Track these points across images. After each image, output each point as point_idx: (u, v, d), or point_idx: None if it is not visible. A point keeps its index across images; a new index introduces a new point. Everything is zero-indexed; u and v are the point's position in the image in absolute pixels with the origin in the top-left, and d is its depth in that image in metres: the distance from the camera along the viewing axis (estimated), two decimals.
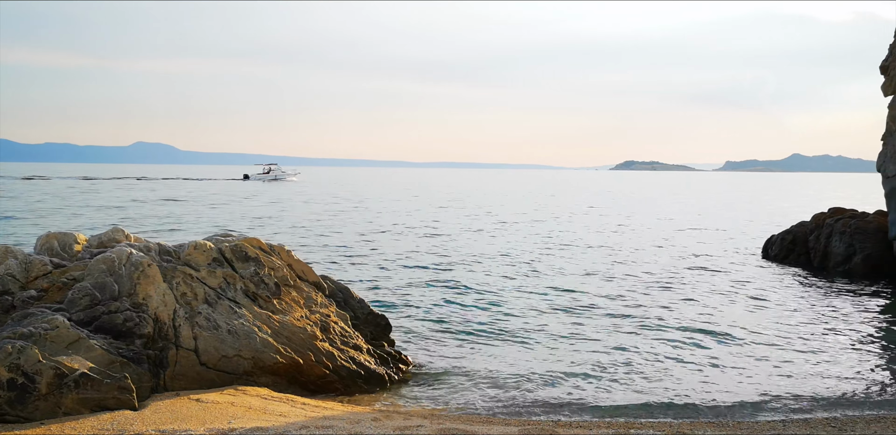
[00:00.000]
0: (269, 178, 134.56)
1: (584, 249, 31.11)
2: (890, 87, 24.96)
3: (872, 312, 18.06)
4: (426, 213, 53.24)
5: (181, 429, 7.87)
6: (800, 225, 28.47)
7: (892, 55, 25.27)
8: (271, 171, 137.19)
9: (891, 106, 24.82)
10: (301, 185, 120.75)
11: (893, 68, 24.88)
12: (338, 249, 29.60)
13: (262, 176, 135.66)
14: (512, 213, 55.54)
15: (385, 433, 8.04)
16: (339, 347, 11.21)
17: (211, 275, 10.64)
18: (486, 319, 16.47)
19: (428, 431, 8.31)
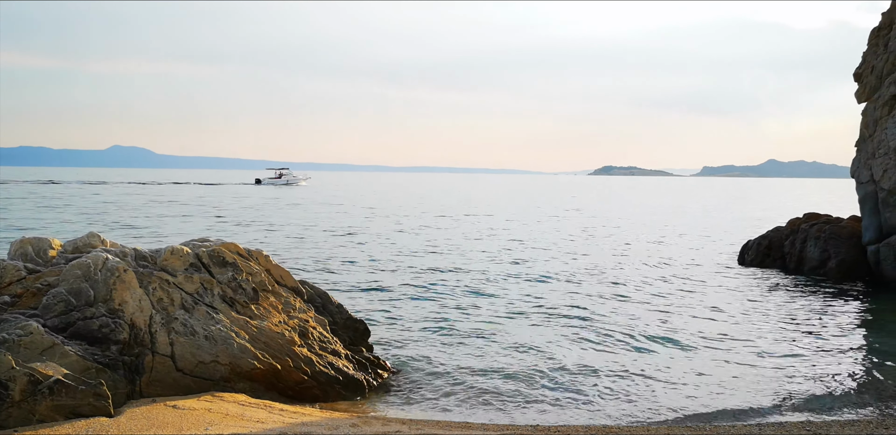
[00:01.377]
0: (281, 183, 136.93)
1: (564, 256, 31.21)
2: (863, 94, 25.32)
3: (846, 316, 18.26)
4: (404, 219, 53.20)
5: None
6: (775, 230, 28.75)
7: (865, 63, 25.64)
8: (282, 176, 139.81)
9: (864, 113, 25.17)
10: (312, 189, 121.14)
11: (867, 75, 25.24)
12: (312, 253, 29.50)
13: (274, 180, 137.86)
14: (492, 219, 55.63)
15: None
16: (317, 353, 11.16)
17: (188, 280, 10.56)
18: (465, 325, 16.47)
19: None
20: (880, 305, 19.83)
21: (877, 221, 23.51)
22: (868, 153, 24.41)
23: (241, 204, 68.47)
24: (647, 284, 23.13)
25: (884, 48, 24.56)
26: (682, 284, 23.20)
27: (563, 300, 19.77)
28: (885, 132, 23.41)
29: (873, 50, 25.27)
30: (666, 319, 17.38)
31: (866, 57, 25.66)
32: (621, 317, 17.65)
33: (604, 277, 24.29)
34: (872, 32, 25.53)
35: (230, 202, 72.01)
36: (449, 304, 18.92)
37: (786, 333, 16.12)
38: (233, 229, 40.59)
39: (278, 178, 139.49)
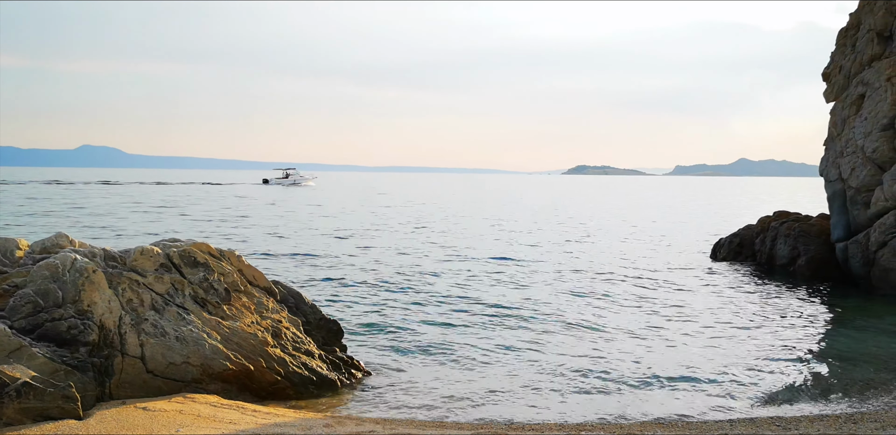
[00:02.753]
0: (288, 183, 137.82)
1: (539, 255, 31.31)
2: (831, 94, 25.66)
3: (814, 313, 18.50)
4: (376, 220, 53.11)
5: None
6: (746, 228, 29.06)
7: (833, 63, 25.99)
8: (289, 176, 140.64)
9: (832, 112, 25.51)
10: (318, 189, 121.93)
11: (835, 75, 25.58)
12: (288, 253, 29.35)
13: (281, 181, 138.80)
14: (468, 219, 55.70)
15: None
16: (290, 353, 11.10)
17: (158, 281, 10.45)
18: (439, 325, 16.46)
19: None
20: (848, 302, 20.12)
21: (845, 219, 23.82)
22: (836, 152, 24.73)
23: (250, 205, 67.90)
24: (620, 281, 23.26)
25: (851, 48, 24.90)
26: (653, 281, 23.36)
27: (537, 299, 19.82)
28: (853, 131, 23.73)
29: (841, 50, 25.61)
30: (637, 317, 17.50)
31: (834, 57, 26.00)
32: (593, 315, 17.73)
33: (577, 276, 24.40)
34: (840, 33, 25.87)
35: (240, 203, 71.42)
36: (423, 304, 18.90)
37: (755, 330, 16.30)
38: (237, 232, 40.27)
39: (285, 178, 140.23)
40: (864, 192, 22.93)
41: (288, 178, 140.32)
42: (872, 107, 22.93)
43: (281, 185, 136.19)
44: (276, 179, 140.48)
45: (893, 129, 22.12)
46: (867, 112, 23.16)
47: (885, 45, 23.18)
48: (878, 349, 14.50)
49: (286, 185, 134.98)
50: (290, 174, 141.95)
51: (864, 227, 22.81)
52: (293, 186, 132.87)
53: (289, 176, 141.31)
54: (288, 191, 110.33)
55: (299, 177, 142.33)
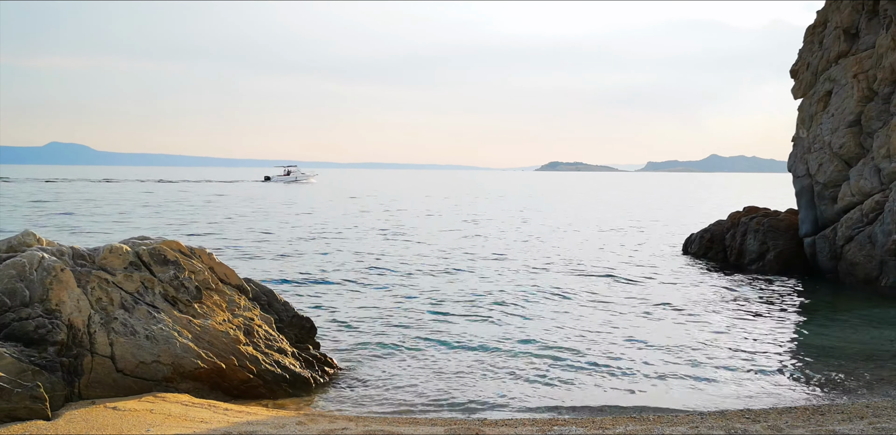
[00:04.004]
0: (289, 180, 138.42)
1: (510, 250, 31.41)
2: (799, 91, 25.99)
3: (782, 307, 18.75)
4: (349, 217, 52.98)
5: None
6: (717, 223, 29.36)
7: (801, 60, 26.32)
8: (291, 173, 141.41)
9: (800, 108, 25.85)
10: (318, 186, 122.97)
11: (802, 72, 25.91)
12: (254, 253, 29.18)
13: (282, 178, 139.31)
14: (445, 217, 55.73)
15: None
16: (263, 351, 11.04)
17: (128, 279, 10.34)
18: (412, 321, 16.46)
19: (353, 433, 8.27)
20: (815, 296, 20.42)
21: (813, 214, 24.16)
22: (804, 148, 25.07)
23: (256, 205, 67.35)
24: (590, 277, 23.41)
25: (819, 46, 25.23)
26: (623, 277, 23.53)
27: (507, 295, 19.89)
28: (820, 127, 24.07)
29: (809, 47, 25.94)
30: (607, 313, 17.62)
31: (802, 54, 26.33)
32: (563, 310, 17.83)
33: (547, 271, 24.51)
34: (808, 30, 26.21)
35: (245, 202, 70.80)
36: (397, 301, 18.88)
37: (723, 324, 16.48)
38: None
39: (287, 176, 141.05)
40: (831, 187, 23.27)
41: (289, 176, 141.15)
42: (839, 103, 23.26)
43: (283, 182, 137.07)
44: (277, 176, 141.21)
45: (860, 126, 22.46)
46: (834, 108, 23.49)
47: (851, 43, 23.51)
48: (845, 342, 14.74)
49: (287, 183, 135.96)
50: (291, 171, 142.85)
51: (832, 222, 23.16)
52: (294, 183, 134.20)
53: (290, 173, 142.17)
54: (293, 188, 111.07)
55: (301, 174, 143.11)
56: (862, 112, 22.29)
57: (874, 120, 21.85)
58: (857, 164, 22.36)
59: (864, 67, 22.38)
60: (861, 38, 23.16)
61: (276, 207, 60.12)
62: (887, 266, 20.10)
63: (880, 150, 21.23)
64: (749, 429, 8.51)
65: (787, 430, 8.47)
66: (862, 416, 9.28)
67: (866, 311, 17.94)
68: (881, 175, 21.26)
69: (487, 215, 55.09)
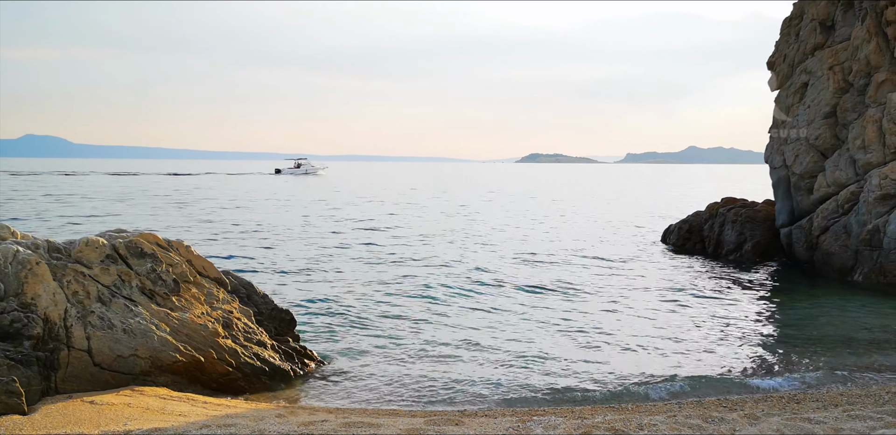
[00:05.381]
0: (300, 173, 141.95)
1: (489, 241, 31.46)
2: (776, 82, 26.18)
3: (759, 297, 18.94)
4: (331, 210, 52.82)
5: (74, 432, 7.58)
6: (695, 214, 29.57)
7: (777, 52, 26.50)
8: (301, 166, 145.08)
9: (777, 100, 26.04)
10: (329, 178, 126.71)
11: (779, 64, 26.10)
12: (237, 246, 29.04)
13: (293, 170, 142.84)
14: (426, 208, 55.68)
15: (289, 430, 7.95)
16: (242, 344, 10.99)
17: (104, 272, 10.25)
18: (391, 313, 16.45)
19: (333, 425, 8.26)
20: (792, 286, 20.63)
21: (789, 205, 24.39)
22: (780, 139, 25.28)
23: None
24: (569, 268, 23.51)
25: (795, 38, 25.40)
26: (603, 267, 23.66)
27: (486, 286, 19.95)
28: (797, 119, 24.27)
29: (785, 39, 26.11)
30: (586, 303, 17.71)
31: (779, 46, 26.51)
32: (542, 301, 17.91)
33: (526, 262, 24.58)
34: (784, 22, 26.37)
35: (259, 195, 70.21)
36: (377, 293, 18.86)
37: (701, 314, 16.62)
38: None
39: (297, 168, 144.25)
40: (807, 178, 23.49)
41: (300, 169, 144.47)
42: (815, 95, 23.46)
43: (293, 174, 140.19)
44: (288, 169, 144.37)
45: (835, 117, 22.67)
46: (810, 100, 23.69)
47: (827, 35, 23.69)
48: (821, 331, 14.91)
49: (298, 175, 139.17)
50: (301, 164, 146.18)
51: (808, 212, 23.39)
52: (305, 176, 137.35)
53: (300, 166, 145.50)
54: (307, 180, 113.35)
55: (311, 167, 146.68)
56: (837, 104, 22.49)
57: (849, 111, 22.06)
58: (833, 156, 22.58)
59: (840, 59, 22.57)
60: (837, 30, 23.34)
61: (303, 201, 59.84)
62: (862, 256, 20.34)
63: (855, 141, 21.44)
64: (726, 417, 8.60)
65: (763, 418, 8.57)
66: (836, 404, 9.41)
67: (842, 300, 18.16)
68: (856, 166, 21.48)
69: (467, 206, 55.12)
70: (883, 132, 20.58)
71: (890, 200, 19.84)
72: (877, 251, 19.79)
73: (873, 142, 20.80)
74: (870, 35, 21.38)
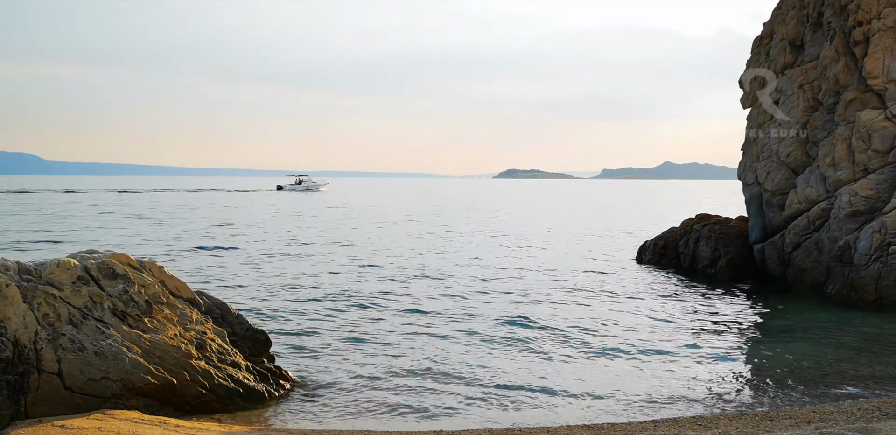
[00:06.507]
0: (301, 189, 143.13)
1: (466, 257, 31.47)
2: (748, 100, 26.56)
3: (734, 313, 19.08)
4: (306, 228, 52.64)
5: None
6: (670, 231, 29.80)
7: (749, 70, 26.90)
8: (302, 183, 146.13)
9: (749, 118, 26.42)
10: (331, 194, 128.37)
11: (750, 82, 26.48)
12: (210, 265, 28.83)
13: (294, 187, 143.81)
14: (404, 225, 55.65)
15: None
16: (215, 365, 10.90)
17: (75, 294, 10.14)
18: (367, 333, 16.36)
19: None
20: (765, 302, 20.83)
21: (762, 221, 24.67)
22: (753, 156, 25.61)
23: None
24: (547, 283, 23.56)
25: (766, 57, 25.82)
26: (578, 284, 23.73)
27: (465, 303, 19.94)
28: (768, 136, 24.61)
29: (756, 58, 26.53)
30: (561, 320, 17.73)
31: (750, 65, 26.92)
32: (517, 319, 17.92)
33: (501, 278, 24.60)
34: (755, 41, 26.80)
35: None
36: (352, 313, 18.78)
37: (676, 331, 16.71)
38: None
39: (299, 185, 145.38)
40: (779, 195, 23.79)
41: (301, 185, 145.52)
42: (786, 113, 23.82)
43: (295, 191, 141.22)
44: (290, 186, 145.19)
45: (806, 135, 23.01)
46: (781, 118, 24.04)
47: (796, 54, 24.10)
48: (794, 347, 15.04)
49: (300, 191, 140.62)
50: (303, 180, 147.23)
51: (780, 228, 23.67)
52: (307, 192, 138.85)
53: (302, 182, 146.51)
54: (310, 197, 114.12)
55: (312, 183, 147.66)
56: (808, 122, 22.85)
57: (819, 129, 22.41)
58: (804, 173, 22.90)
59: (810, 78, 22.96)
60: (806, 49, 23.76)
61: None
62: (833, 272, 20.60)
63: (825, 158, 21.77)
64: None
65: None
66: (809, 420, 9.48)
67: (814, 316, 18.35)
68: (826, 183, 21.79)
69: (443, 222, 55.16)
70: (852, 150, 20.91)
71: (860, 217, 20.15)
72: (848, 267, 20.05)
73: (843, 159, 21.12)
74: (838, 55, 21.78)
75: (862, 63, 20.96)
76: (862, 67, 20.95)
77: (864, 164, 20.53)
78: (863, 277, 19.39)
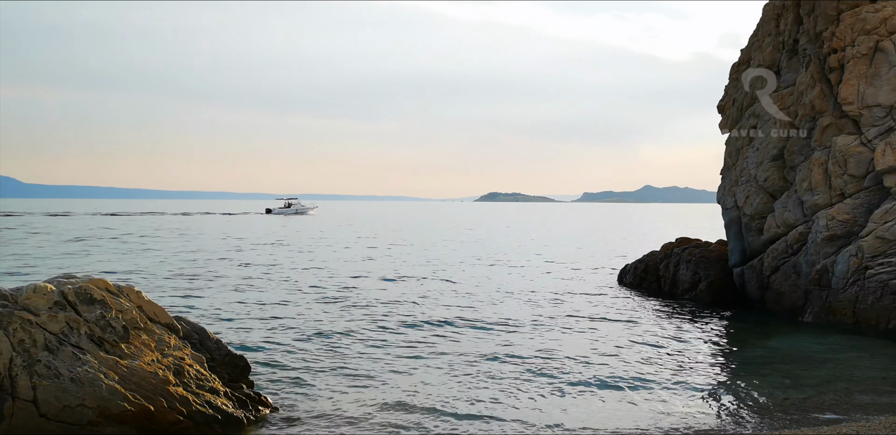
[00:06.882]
0: (290, 212, 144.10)
1: (448, 280, 31.42)
2: (726, 125, 26.89)
3: (712, 336, 19.17)
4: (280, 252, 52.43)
5: None
6: (651, 254, 29.93)
7: (727, 96, 27.27)
8: (291, 206, 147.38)
9: (728, 142, 26.73)
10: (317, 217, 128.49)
11: (729, 108, 26.85)
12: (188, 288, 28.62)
13: (283, 210, 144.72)
14: (376, 247, 55.54)
15: None
16: (193, 392, 10.78)
17: (52, 320, 10.03)
18: (348, 359, 16.26)
19: None
20: (743, 326, 20.96)
21: (741, 245, 24.85)
22: (732, 181, 25.87)
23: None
24: (525, 307, 23.57)
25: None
26: (559, 307, 23.75)
27: (441, 324, 19.95)
28: (747, 161, 24.89)
29: (734, 84, 26.91)
30: (541, 342, 17.72)
31: (728, 90, 27.30)
32: (497, 340, 17.94)
33: (482, 300, 24.56)
34: (733, 68, 27.21)
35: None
36: (333, 338, 18.65)
37: (657, 353, 16.74)
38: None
39: (287, 208, 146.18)
40: (757, 219, 24.00)
41: (290, 208, 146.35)
42: (763, 138, 24.13)
43: (283, 214, 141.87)
44: (278, 209, 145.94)
45: (783, 160, 23.30)
46: (759, 143, 24.35)
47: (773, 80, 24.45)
48: (772, 372, 15.09)
49: (288, 215, 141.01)
50: (291, 204, 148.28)
51: (759, 252, 23.85)
52: (296, 215, 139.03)
53: (291, 205, 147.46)
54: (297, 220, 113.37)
55: (301, 206, 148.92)
56: (785, 147, 23.14)
57: (796, 154, 22.70)
58: (782, 197, 23.14)
59: (786, 104, 23.29)
60: (782, 75, 24.13)
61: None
62: (812, 295, 20.74)
63: (802, 183, 22.02)
64: None
65: None
66: None
67: (792, 340, 18.45)
68: (804, 207, 22.03)
69: (426, 244, 55.10)
70: (829, 175, 21.17)
71: (837, 241, 20.35)
72: (826, 291, 20.20)
73: (820, 184, 21.37)
74: (814, 81, 22.14)
75: (837, 89, 21.30)
76: (837, 94, 21.29)
77: (841, 188, 20.78)
78: (840, 300, 19.54)
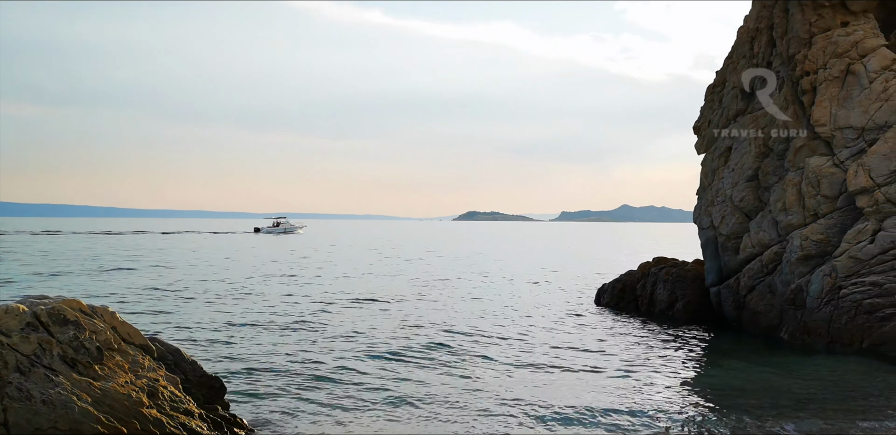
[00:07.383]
0: (278, 231, 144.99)
1: (426, 301, 31.34)
2: (702, 146, 27.19)
3: (691, 355, 19.22)
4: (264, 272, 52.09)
5: None
6: (628, 274, 30.05)
7: (703, 117, 27.60)
8: (280, 225, 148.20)
9: (703, 163, 27.00)
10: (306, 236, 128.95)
11: (704, 129, 27.16)
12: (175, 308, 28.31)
13: (272, 229, 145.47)
14: (356, 269, 55.35)
15: None
16: (168, 414, 10.62)
17: (24, 341, 9.86)
18: (326, 378, 16.14)
19: None
20: (720, 345, 21.04)
21: (717, 265, 25.03)
22: (707, 201, 26.10)
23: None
24: (502, 327, 23.54)
25: (718, 104, 26.54)
26: (536, 326, 23.75)
27: (420, 345, 19.86)
28: (722, 181, 25.15)
29: (709, 105, 27.26)
30: (519, 362, 17.68)
31: (703, 112, 27.64)
32: (472, 359, 17.91)
33: (459, 320, 24.50)
34: (708, 89, 27.57)
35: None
36: (311, 354, 18.53)
37: (635, 371, 16.75)
38: None
39: (276, 227, 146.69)
40: (733, 238, 24.20)
41: (279, 227, 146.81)
42: (738, 159, 24.41)
43: (272, 233, 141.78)
44: (266, 228, 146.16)
45: (757, 180, 23.56)
46: (734, 164, 24.62)
47: (748, 102, 24.82)
48: (748, 392, 15.10)
49: (277, 234, 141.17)
50: (280, 223, 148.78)
51: (735, 272, 24.02)
52: (284, 234, 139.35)
53: (279, 225, 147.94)
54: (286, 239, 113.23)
55: (289, 225, 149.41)
56: (759, 167, 23.41)
57: (771, 175, 22.97)
58: (757, 217, 23.37)
59: (761, 125, 23.60)
60: (757, 97, 24.47)
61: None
62: (787, 314, 20.89)
63: (777, 203, 22.27)
64: None
65: None
66: None
67: (767, 359, 18.54)
68: (778, 227, 22.25)
69: (405, 264, 54.98)
70: (802, 195, 21.43)
71: (811, 261, 20.56)
72: (801, 310, 20.36)
73: (793, 204, 21.62)
74: (787, 103, 22.47)
75: (810, 111, 21.63)
76: (810, 115, 21.62)
77: (814, 209, 21.03)
78: (815, 319, 19.69)
